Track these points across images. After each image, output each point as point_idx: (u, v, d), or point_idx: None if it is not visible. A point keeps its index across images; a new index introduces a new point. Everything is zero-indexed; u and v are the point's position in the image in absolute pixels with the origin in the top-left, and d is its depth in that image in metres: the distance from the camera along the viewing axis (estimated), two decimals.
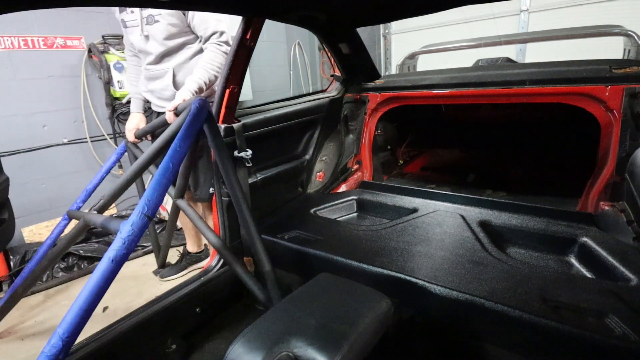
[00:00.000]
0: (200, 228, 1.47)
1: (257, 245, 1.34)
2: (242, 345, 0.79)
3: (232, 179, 1.34)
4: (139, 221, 0.89)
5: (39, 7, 0.89)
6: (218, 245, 1.42)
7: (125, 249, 0.86)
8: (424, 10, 1.41)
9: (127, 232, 0.87)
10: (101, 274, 0.82)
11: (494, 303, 1.01)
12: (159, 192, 0.94)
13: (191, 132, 1.11)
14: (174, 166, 1.00)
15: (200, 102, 1.18)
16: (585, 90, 1.57)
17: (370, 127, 2.24)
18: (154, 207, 0.93)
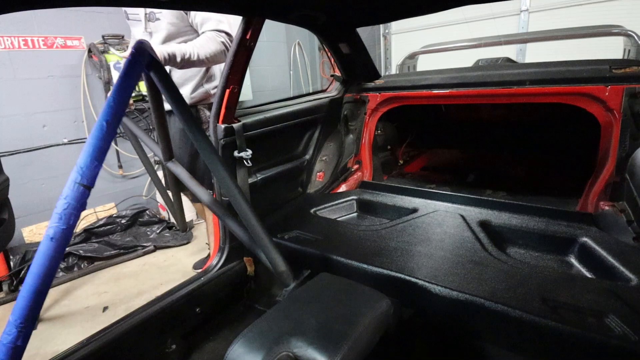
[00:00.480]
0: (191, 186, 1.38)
1: (269, 247, 1.23)
2: (242, 345, 0.79)
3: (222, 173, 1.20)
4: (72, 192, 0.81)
5: (39, 7, 0.88)
6: (208, 200, 1.34)
7: (65, 224, 0.79)
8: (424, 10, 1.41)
9: (61, 206, 0.80)
10: (42, 254, 0.78)
11: (494, 303, 1.01)
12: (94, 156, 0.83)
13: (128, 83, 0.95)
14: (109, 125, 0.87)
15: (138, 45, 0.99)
16: (585, 90, 1.57)
17: (370, 127, 2.24)
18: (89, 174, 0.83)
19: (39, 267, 0.77)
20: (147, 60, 1.02)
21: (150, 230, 3.07)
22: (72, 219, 0.80)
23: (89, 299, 2.29)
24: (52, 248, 0.78)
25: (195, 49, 1.69)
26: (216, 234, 1.58)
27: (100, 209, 3.18)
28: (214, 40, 1.73)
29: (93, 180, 0.84)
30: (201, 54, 1.70)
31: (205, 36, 1.74)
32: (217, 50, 1.75)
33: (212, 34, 1.73)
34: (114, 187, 3.26)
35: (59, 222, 0.79)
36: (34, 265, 0.77)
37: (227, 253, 1.54)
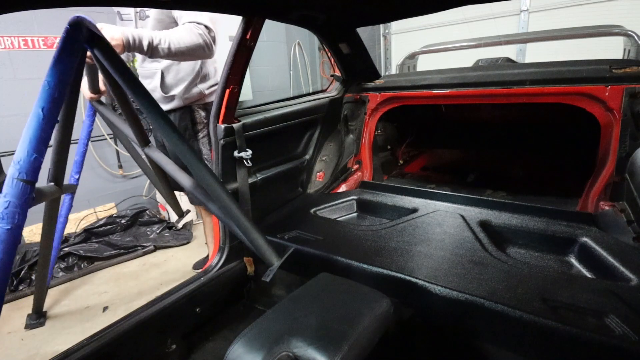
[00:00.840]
0: (170, 171, 1.30)
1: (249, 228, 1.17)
2: (242, 345, 0.79)
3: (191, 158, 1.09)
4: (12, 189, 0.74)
5: (39, 7, 0.87)
6: (189, 186, 1.25)
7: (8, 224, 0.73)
8: (424, 10, 1.41)
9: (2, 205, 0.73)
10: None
11: (494, 303, 1.01)
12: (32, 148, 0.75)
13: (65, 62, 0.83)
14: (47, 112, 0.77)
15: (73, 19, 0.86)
16: (585, 90, 1.57)
17: (370, 127, 2.24)
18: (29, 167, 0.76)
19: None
20: (85, 35, 0.88)
21: (150, 230, 3.07)
22: (17, 217, 0.74)
23: (89, 299, 2.29)
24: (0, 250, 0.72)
25: (167, 37, 1.54)
26: (216, 234, 1.58)
27: (100, 209, 3.18)
28: (191, 31, 1.59)
29: (35, 174, 0.76)
30: (174, 43, 1.55)
31: (182, 26, 1.61)
32: (192, 43, 1.59)
33: (190, 25, 1.60)
34: (114, 187, 3.26)
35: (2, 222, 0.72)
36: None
37: (227, 253, 1.54)
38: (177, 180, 1.28)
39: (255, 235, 1.16)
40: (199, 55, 1.66)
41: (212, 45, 1.67)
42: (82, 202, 3.05)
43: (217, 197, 1.13)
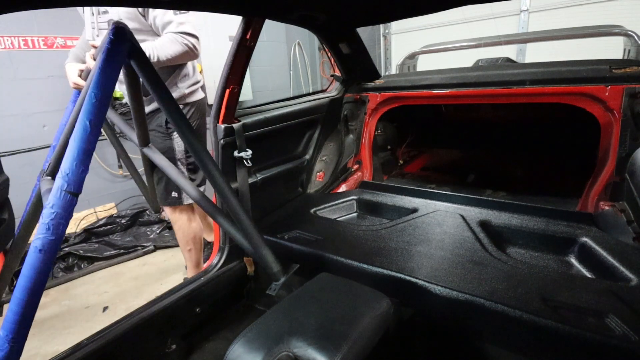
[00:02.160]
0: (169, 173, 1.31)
1: (259, 242, 1.20)
2: (242, 345, 0.79)
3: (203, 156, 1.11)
4: (59, 201, 0.76)
5: (39, 7, 0.87)
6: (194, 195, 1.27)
7: (53, 235, 0.75)
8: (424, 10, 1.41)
9: (48, 215, 0.75)
10: (31, 266, 0.74)
11: (494, 303, 1.01)
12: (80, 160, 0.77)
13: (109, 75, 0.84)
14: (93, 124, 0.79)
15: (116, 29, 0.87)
16: (585, 90, 1.57)
17: (370, 127, 2.24)
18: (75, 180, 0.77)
19: (28, 280, 0.73)
20: (128, 48, 0.91)
21: (150, 230, 3.07)
22: (60, 229, 0.76)
23: (89, 299, 2.29)
24: (41, 260, 0.74)
25: (155, 50, 1.64)
26: (216, 234, 1.58)
27: (100, 209, 3.18)
28: (175, 42, 1.68)
29: (80, 186, 0.78)
30: (161, 56, 1.66)
31: (167, 37, 1.68)
32: (178, 52, 1.70)
33: (174, 35, 1.68)
34: (114, 187, 3.26)
35: (47, 232, 0.74)
36: (23, 279, 0.73)
37: (227, 253, 1.54)
38: (177, 183, 1.30)
39: (264, 250, 1.19)
40: (185, 59, 1.78)
41: (195, 48, 1.76)
42: (82, 202, 3.06)
43: (231, 208, 1.17)
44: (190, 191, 1.27)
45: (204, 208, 1.27)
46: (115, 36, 0.86)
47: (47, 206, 0.76)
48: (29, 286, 0.73)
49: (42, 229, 0.75)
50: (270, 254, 1.20)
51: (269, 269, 1.19)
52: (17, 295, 0.73)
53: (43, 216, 0.75)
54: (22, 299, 0.73)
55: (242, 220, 1.17)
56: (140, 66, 1.00)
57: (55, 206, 0.76)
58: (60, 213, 0.76)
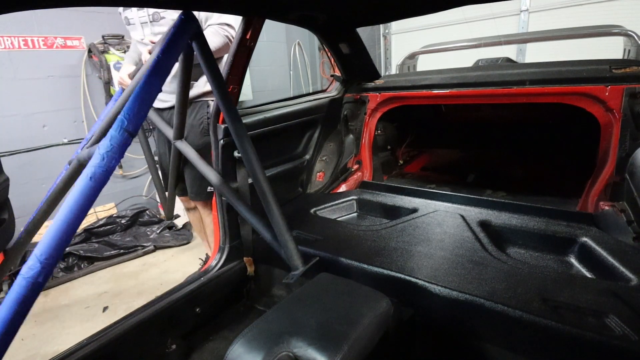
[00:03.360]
0: (199, 166, 1.39)
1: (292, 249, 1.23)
2: (242, 345, 0.79)
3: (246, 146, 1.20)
4: (118, 135, 0.80)
5: (39, 7, 0.88)
6: (217, 182, 1.36)
7: (105, 166, 0.78)
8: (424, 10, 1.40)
9: (105, 147, 0.78)
10: (80, 192, 0.75)
11: (494, 303, 1.01)
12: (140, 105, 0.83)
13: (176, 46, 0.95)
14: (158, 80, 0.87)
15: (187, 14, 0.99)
16: (585, 90, 1.57)
17: (370, 127, 2.24)
18: (135, 121, 0.82)
19: (74, 205, 0.74)
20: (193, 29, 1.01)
21: (150, 230, 3.07)
22: (112, 163, 0.79)
23: (89, 299, 2.29)
24: (90, 187, 0.76)
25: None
26: (216, 233, 1.58)
27: (100, 209, 3.18)
28: (218, 34, 1.75)
29: (137, 129, 0.83)
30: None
31: (210, 30, 1.75)
32: (221, 44, 1.77)
33: (216, 27, 1.75)
34: (114, 187, 3.26)
35: (100, 162, 0.77)
36: (68, 202, 0.75)
37: (227, 253, 1.54)
38: (205, 176, 1.38)
39: (288, 237, 1.23)
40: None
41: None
42: None
43: (265, 197, 1.24)
44: (214, 180, 1.35)
45: (228, 196, 1.34)
46: (184, 16, 0.97)
47: (104, 140, 0.79)
48: (74, 210, 0.75)
49: (96, 158, 0.77)
50: (293, 244, 1.24)
51: (290, 258, 1.22)
52: (61, 215, 0.74)
53: (100, 147, 0.78)
54: (64, 220, 0.74)
55: (272, 209, 1.23)
56: (201, 50, 1.09)
57: (113, 139, 0.79)
58: (115, 147, 0.79)
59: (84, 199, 0.76)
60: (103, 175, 0.78)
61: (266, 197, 1.23)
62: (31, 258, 0.71)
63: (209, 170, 1.37)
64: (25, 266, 0.71)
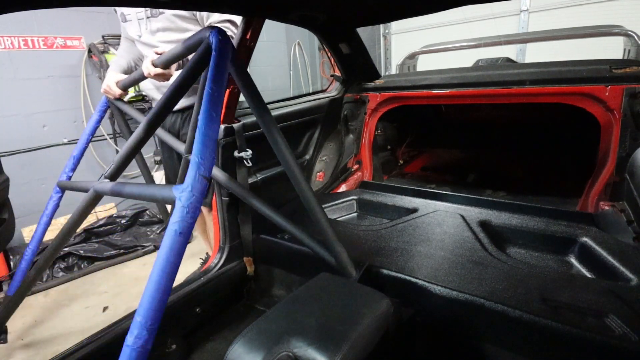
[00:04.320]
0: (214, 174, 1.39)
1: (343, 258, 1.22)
2: (242, 345, 0.79)
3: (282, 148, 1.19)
4: (197, 184, 0.78)
5: (39, 7, 0.88)
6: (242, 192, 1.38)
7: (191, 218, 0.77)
8: (424, 10, 1.40)
9: (187, 198, 0.77)
10: (169, 249, 0.74)
11: (494, 303, 1.01)
12: (210, 148, 0.82)
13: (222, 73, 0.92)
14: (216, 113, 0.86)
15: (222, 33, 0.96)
16: (585, 90, 1.57)
17: (370, 127, 2.24)
18: (209, 165, 0.81)
19: (166, 263, 0.74)
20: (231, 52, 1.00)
21: (150, 230, 3.07)
22: (195, 212, 0.78)
23: (89, 299, 2.29)
24: (179, 243, 0.75)
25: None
26: (216, 233, 1.58)
27: (100, 209, 3.18)
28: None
29: (210, 171, 0.83)
30: None
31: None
32: None
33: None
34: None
35: (186, 215, 0.76)
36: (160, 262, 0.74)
37: (227, 253, 1.54)
38: (220, 182, 1.39)
39: (338, 247, 1.21)
40: None
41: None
42: None
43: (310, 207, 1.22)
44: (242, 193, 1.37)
45: (255, 206, 1.35)
46: (221, 36, 0.95)
47: (182, 189, 0.78)
48: (167, 268, 0.74)
49: (180, 213, 0.76)
50: (345, 253, 1.22)
51: (343, 268, 1.21)
52: (155, 277, 0.73)
53: (181, 199, 0.77)
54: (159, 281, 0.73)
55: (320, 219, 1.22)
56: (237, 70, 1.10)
57: (194, 189, 0.78)
58: (197, 196, 0.78)
59: (175, 255, 0.75)
60: (189, 227, 0.77)
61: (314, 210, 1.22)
62: (135, 326, 0.70)
63: (230, 180, 1.39)
64: (131, 336, 0.70)
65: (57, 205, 1.72)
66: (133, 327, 0.70)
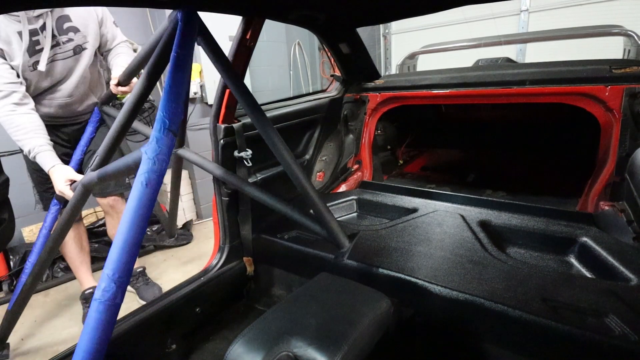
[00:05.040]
0: (205, 165, 1.40)
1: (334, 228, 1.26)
2: (242, 345, 0.79)
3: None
4: (163, 136, 0.79)
5: (39, 7, 0.88)
6: (221, 175, 1.39)
7: (157, 170, 0.76)
8: (424, 10, 1.41)
9: (153, 150, 0.77)
10: (137, 200, 0.74)
11: (494, 303, 1.01)
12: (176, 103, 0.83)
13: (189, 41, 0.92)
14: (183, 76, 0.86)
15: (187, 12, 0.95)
16: (585, 90, 1.57)
17: (370, 127, 2.24)
18: (175, 119, 0.82)
19: (134, 214, 0.74)
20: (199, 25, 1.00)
21: (150, 230, 3.06)
22: (163, 165, 0.78)
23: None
24: (146, 194, 0.75)
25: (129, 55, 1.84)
26: (216, 233, 1.58)
27: (100, 209, 3.17)
28: (129, 49, 1.92)
29: (177, 127, 0.83)
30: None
31: (125, 48, 1.88)
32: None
33: (126, 44, 1.90)
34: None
35: (152, 166, 0.76)
36: (128, 212, 0.74)
37: (227, 253, 1.54)
38: (211, 172, 1.41)
39: (329, 216, 1.26)
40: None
41: None
42: None
43: (298, 182, 1.27)
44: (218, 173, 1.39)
45: (251, 193, 1.35)
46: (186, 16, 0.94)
47: (150, 142, 0.78)
48: (135, 219, 0.74)
49: (147, 164, 0.77)
50: (335, 222, 1.27)
51: (335, 237, 1.26)
52: (123, 228, 0.73)
53: (147, 152, 0.77)
54: (127, 232, 0.73)
55: (308, 192, 1.27)
56: (207, 44, 1.08)
57: (160, 141, 0.79)
58: (164, 148, 0.79)
59: (142, 207, 0.74)
60: (157, 180, 0.77)
61: (300, 182, 1.27)
62: (103, 279, 0.70)
63: (213, 165, 1.39)
64: (99, 289, 0.70)
65: (56, 218, 1.72)
66: (101, 280, 0.70)
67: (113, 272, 0.70)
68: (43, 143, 1.55)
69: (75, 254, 2.04)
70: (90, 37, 1.72)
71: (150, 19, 3.14)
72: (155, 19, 3.15)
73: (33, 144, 1.52)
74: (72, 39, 1.66)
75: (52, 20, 1.55)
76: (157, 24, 3.16)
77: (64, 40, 1.64)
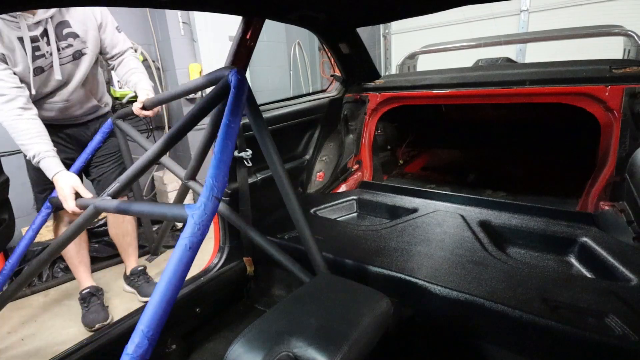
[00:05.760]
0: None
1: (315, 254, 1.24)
2: (242, 345, 0.79)
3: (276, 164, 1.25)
4: (210, 203, 0.84)
5: (39, 7, 0.88)
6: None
7: (200, 235, 0.82)
8: (424, 10, 1.41)
9: (199, 216, 0.82)
10: (179, 262, 0.78)
11: (494, 303, 1.01)
12: (224, 172, 0.89)
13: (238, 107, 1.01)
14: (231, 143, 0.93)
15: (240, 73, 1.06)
16: (585, 90, 1.57)
17: (370, 127, 2.24)
18: (221, 187, 0.88)
19: (173, 275, 0.76)
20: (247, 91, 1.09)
21: None
22: (206, 230, 0.83)
23: None
24: (188, 257, 0.79)
25: (145, 74, 1.88)
26: (216, 233, 1.58)
27: None
28: (138, 60, 1.91)
29: (222, 192, 0.89)
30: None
31: (135, 60, 1.88)
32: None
33: (132, 52, 1.89)
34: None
35: (197, 232, 0.81)
36: (168, 272, 0.77)
37: (227, 253, 1.54)
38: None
39: (312, 243, 1.24)
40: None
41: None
42: None
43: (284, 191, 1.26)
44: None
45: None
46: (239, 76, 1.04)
47: (198, 208, 0.84)
48: (173, 280, 0.76)
49: (192, 229, 0.81)
50: (318, 250, 1.25)
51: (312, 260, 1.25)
52: (161, 288, 0.75)
53: (194, 216, 0.83)
54: (165, 292, 0.74)
55: (298, 219, 1.26)
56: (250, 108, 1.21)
57: (207, 208, 0.84)
58: (209, 215, 0.84)
59: (183, 268, 0.78)
60: (199, 243, 0.81)
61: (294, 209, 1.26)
62: (137, 335, 0.71)
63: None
64: (132, 343, 0.70)
65: (45, 221, 1.72)
66: (135, 335, 0.71)
67: (148, 330, 0.71)
68: (48, 149, 1.55)
69: (74, 253, 2.04)
70: (89, 43, 1.72)
71: (150, 19, 3.14)
72: (155, 19, 3.15)
73: (38, 149, 1.52)
74: (71, 44, 1.67)
75: (52, 26, 1.56)
76: (157, 24, 3.16)
77: (63, 45, 1.64)
